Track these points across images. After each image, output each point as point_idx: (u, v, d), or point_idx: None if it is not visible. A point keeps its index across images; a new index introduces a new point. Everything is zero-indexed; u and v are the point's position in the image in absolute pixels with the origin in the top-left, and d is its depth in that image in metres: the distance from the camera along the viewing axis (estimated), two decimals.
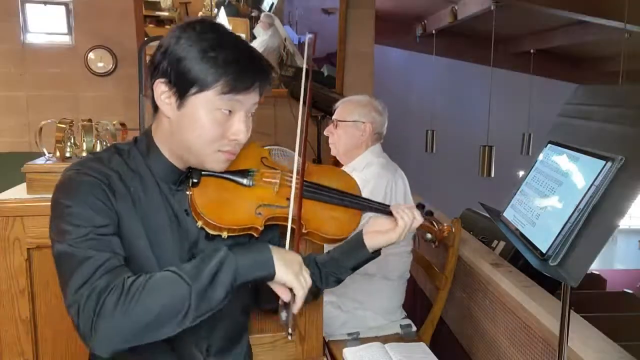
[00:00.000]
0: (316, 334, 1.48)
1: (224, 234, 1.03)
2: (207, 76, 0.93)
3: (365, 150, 2.03)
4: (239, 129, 0.98)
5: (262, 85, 1.00)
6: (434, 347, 1.80)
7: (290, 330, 0.93)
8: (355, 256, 1.18)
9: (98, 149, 1.58)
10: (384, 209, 1.19)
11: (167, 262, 0.99)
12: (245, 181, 1.08)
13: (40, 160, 1.53)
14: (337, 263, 1.18)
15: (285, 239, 1.04)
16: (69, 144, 1.57)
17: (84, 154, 1.56)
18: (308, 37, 1.16)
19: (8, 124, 3.33)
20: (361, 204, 1.18)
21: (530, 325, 1.56)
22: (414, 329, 1.99)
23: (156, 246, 1.00)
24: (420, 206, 1.27)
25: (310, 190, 1.13)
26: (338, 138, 2.04)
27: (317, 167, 1.22)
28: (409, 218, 1.16)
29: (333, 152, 2.10)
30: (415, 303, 2.65)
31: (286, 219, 1.05)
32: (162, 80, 0.96)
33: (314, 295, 1.20)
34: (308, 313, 1.46)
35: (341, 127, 2.03)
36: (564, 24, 5.22)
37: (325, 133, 2.12)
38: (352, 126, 2.01)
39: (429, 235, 1.22)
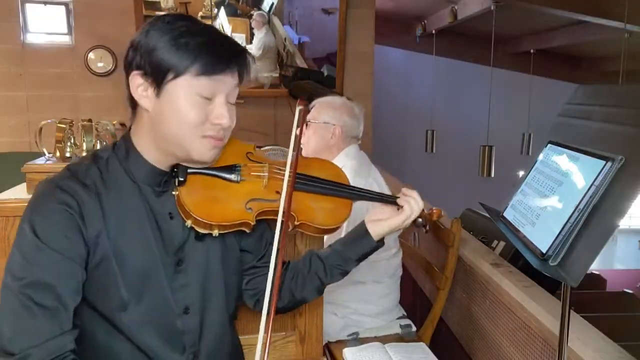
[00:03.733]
0: (316, 334, 1.47)
1: (215, 232, 1.02)
2: (181, 60, 0.92)
3: (339, 154, 1.97)
4: (221, 112, 0.97)
5: (241, 69, 0.98)
6: (434, 347, 1.80)
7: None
8: (360, 246, 1.18)
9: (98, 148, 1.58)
10: (384, 198, 1.22)
11: (150, 271, 0.99)
12: (232, 177, 1.07)
13: (40, 160, 1.53)
14: (341, 255, 1.18)
15: (275, 229, 1.04)
16: (69, 144, 1.57)
17: (84, 154, 1.56)
18: (298, 108, 1.21)
19: (8, 124, 3.33)
20: (355, 194, 1.19)
21: (530, 325, 1.56)
22: (414, 329, 1.99)
23: (135, 258, 0.98)
24: None
25: (300, 182, 1.13)
26: (307, 139, 1.98)
27: (304, 159, 1.22)
28: (416, 204, 1.18)
29: (303, 153, 2.00)
30: (415, 303, 2.65)
31: (277, 213, 1.05)
32: (137, 72, 0.95)
33: (319, 291, 1.21)
34: (308, 313, 1.45)
35: (311, 128, 1.97)
36: (564, 24, 5.22)
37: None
38: (322, 128, 1.95)
39: (419, 220, 1.23)
